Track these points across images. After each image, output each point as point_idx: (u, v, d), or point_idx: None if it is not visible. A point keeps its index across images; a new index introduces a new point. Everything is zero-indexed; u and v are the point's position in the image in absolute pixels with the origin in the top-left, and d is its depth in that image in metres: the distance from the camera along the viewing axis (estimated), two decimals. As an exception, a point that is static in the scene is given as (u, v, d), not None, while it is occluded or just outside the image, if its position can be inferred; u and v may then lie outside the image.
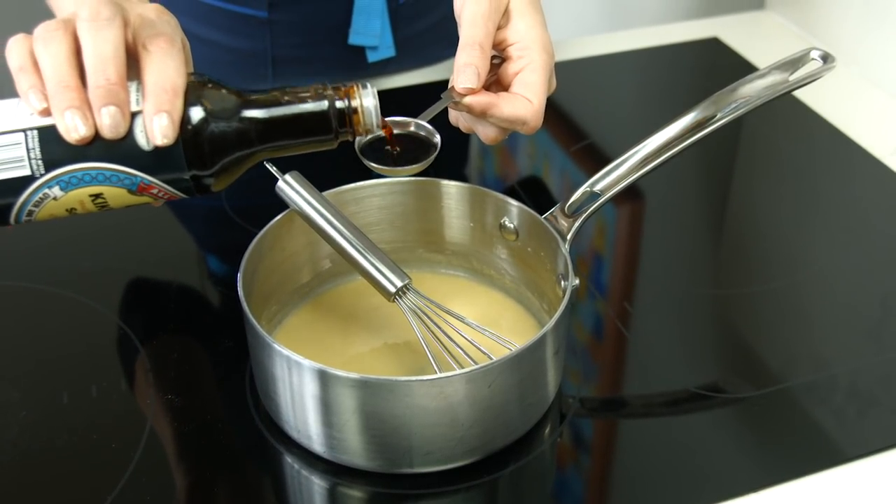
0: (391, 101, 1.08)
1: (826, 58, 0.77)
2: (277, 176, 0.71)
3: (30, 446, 0.68)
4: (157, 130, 0.58)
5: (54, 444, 0.68)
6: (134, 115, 0.59)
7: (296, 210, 0.71)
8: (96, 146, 0.59)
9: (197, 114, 0.59)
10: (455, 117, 0.72)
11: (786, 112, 1.06)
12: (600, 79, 1.15)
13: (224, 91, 0.61)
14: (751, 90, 0.76)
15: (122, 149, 0.59)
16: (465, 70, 0.66)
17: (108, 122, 0.58)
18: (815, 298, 0.83)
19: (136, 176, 0.60)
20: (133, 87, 0.60)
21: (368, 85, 0.62)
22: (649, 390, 0.74)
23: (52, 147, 0.59)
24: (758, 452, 0.68)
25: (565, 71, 1.14)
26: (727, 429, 0.71)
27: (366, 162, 0.67)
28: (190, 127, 0.59)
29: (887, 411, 0.72)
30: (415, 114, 0.68)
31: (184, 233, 0.91)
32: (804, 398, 0.73)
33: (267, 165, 0.71)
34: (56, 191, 0.60)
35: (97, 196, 0.61)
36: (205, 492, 0.66)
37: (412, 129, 0.68)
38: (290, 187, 0.71)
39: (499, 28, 0.69)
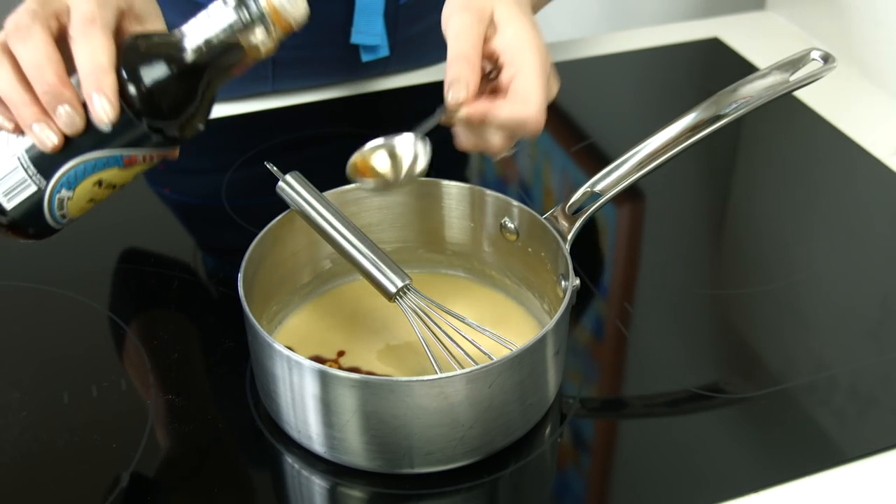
0: (392, 102, 1.08)
1: (827, 58, 0.77)
2: (278, 176, 0.71)
3: (30, 447, 0.68)
4: (98, 112, 0.60)
5: (55, 444, 0.68)
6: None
7: (296, 210, 0.71)
8: (71, 144, 0.63)
9: (131, 75, 0.61)
10: (462, 141, 0.71)
11: (786, 112, 1.06)
12: (601, 79, 1.15)
13: (152, 41, 0.63)
14: (751, 90, 0.76)
15: (90, 138, 0.63)
16: (453, 85, 0.66)
17: (65, 121, 0.61)
18: (816, 299, 0.83)
19: (115, 154, 0.64)
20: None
21: None
22: (649, 391, 0.74)
23: (41, 160, 0.64)
24: (758, 453, 0.68)
25: (566, 71, 1.14)
26: (727, 429, 0.71)
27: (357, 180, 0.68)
28: (130, 89, 0.61)
29: (888, 412, 0.72)
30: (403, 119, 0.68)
31: (184, 232, 0.91)
32: (804, 398, 0.73)
33: (268, 166, 0.72)
34: (66, 192, 0.65)
35: (99, 183, 0.66)
36: (205, 492, 0.66)
37: (408, 142, 0.68)
38: (291, 187, 0.71)
39: (487, 40, 0.69)
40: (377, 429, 0.62)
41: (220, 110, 1.04)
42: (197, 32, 0.63)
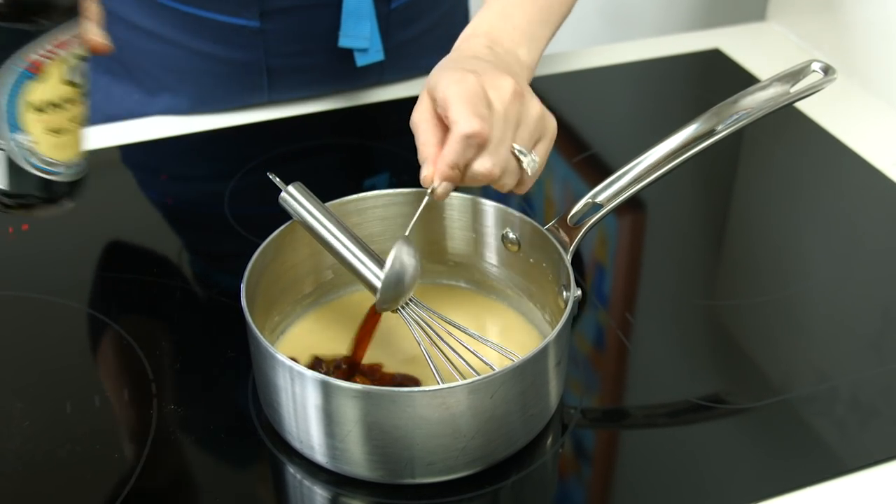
0: (392, 112, 1.09)
1: (827, 70, 0.78)
2: (280, 187, 0.72)
3: (33, 457, 0.68)
4: None
5: (57, 454, 0.68)
6: None
7: (299, 221, 0.72)
8: None
9: None
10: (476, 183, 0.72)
11: (787, 123, 1.06)
12: (602, 90, 1.15)
13: None
14: (752, 102, 0.76)
15: None
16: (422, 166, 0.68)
17: None
18: (817, 309, 0.83)
19: (13, 67, 0.62)
20: None
21: None
22: (650, 401, 0.75)
23: None
24: (759, 463, 0.68)
25: (567, 82, 1.15)
26: (728, 440, 0.71)
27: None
28: None
29: (889, 422, 0.72)
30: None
31: (187, 242, 0.91)
32: (805, 409, 0.73)
33: (270, 177, 0.72)
34: (20, 136, 0.63)
35: (35, 107, 0.63)
36: (207, 502, 0.66)
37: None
38: (294, 198, 0.71)
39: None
40: (379, 439, 0.62)
41: (221, 120, 1.05)
42: None
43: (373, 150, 1.05)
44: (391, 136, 1.05)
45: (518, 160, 0.70)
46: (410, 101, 0.67)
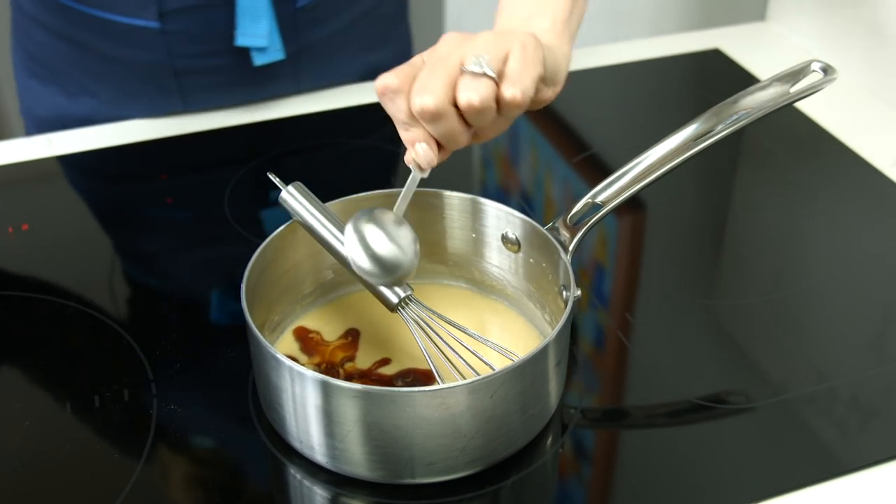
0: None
1: (827, 69, 0.78)
2: (280, 187, 0.72)
3: (32, 457, 0.68)
4: None
5: (57, 454, 0.68)
6: None
7: (299, 221, 0.72)
8: None
9: None
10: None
11: (787, 123, 1.06)
12: (601, 90, 1.15)
13: None
14: (752, 102, 0.76)
15: None
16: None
17: None
18: (817, 309, 0.83)
19: None
20: None
21: None
22: (650, 401, 0.75)
23: None
24: (759, 463, 0.68)
25: (566, 82, 1.15)
26: (728, 440, 0.71)
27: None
28: None
29: (888, 423, 0.72)
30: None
31: (186, 242, 0.92)
32: (805, 409, 0.73)
33: (270, 176, 0.72)
34: None
35: None
36: (207, 502, 0.66)
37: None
38: (293, 198, 0.71)
39: None
40: (379, 439, 0.62)
41: (220, 120, 1.05)
42: None
43: (371, 150, 1.05)
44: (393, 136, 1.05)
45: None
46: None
